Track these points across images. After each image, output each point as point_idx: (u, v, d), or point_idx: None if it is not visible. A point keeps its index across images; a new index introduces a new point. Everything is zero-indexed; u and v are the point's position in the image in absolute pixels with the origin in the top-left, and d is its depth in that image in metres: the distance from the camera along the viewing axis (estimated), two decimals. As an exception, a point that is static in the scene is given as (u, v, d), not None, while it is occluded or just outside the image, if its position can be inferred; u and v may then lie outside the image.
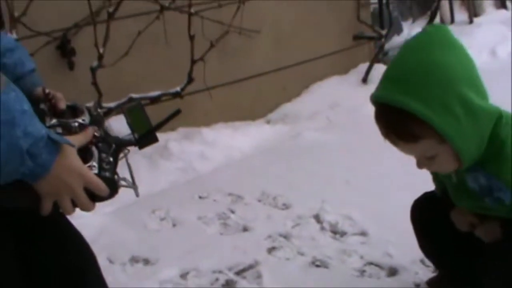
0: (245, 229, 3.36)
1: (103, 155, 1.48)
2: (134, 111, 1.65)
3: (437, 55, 1.74)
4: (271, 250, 3.12)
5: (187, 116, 4.67)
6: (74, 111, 1.59)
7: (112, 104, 4.20)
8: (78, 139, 1.42)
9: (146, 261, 3.12)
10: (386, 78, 1.82)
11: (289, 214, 3.45)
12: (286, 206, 3.55)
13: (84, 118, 1.55)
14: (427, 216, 2.35)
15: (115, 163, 1.52)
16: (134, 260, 3.14)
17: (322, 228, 3.27)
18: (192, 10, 4.41)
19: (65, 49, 4.18)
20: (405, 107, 1.72)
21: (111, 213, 3.50)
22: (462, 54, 1.79)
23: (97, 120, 1.59)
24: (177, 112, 1.62)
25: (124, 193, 1.57)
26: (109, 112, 4.10)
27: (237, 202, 3.67)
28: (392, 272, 2.82)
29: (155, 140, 1.61)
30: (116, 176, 1.48)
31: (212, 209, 3.60)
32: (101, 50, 4.02)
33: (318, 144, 4.42)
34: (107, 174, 1.45)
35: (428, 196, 2.36)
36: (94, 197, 1.43)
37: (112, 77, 4.23)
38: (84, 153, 1.43)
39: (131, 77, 4.41)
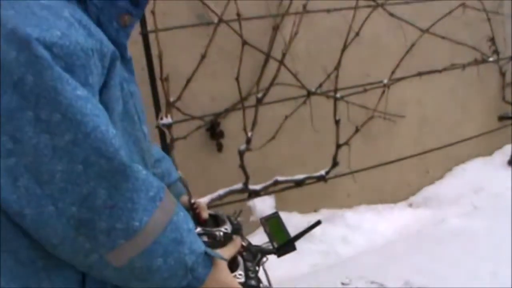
0: (388, 320, 3.34)
1: (248, 264, 1.56)
2: (272, 220, 1.72)
3: None
4: None
5: (330, 199, 4.74)
6: (215, 219, 1.69)
7: (257, 187, 4.31)
8: (229, 252, 1.49)
9: None
10: None
11: (433, 307, 3.40)
12: (430, 298, 3.50)
13: (227, 227, 1.65)
14: None
15: (257, 271, 1.59)
16: None
17: (468, 325, 3.20)
18: (338, 95, 4.51)
19: (214, 132, 4.32)
20: None
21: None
22: None
23: (237, 229, 1.68)
24: (317, 223, 1.65)
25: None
26: (256, 194, 4.22)
27: (379, 291, 3.65)
28: None
29: (293, 249, 1.66)
30: (261, 285, 1.55)
31: (355, 297, 3.60)
32: (249, 134, 4.16)
33: (462, 231, 4.33)
34: (253, 282, 1.52)
35: None
36: None
37: (259, 160, 4.35)
38: (231, 262, 1.51)
39: (277, 160, 4.52)
